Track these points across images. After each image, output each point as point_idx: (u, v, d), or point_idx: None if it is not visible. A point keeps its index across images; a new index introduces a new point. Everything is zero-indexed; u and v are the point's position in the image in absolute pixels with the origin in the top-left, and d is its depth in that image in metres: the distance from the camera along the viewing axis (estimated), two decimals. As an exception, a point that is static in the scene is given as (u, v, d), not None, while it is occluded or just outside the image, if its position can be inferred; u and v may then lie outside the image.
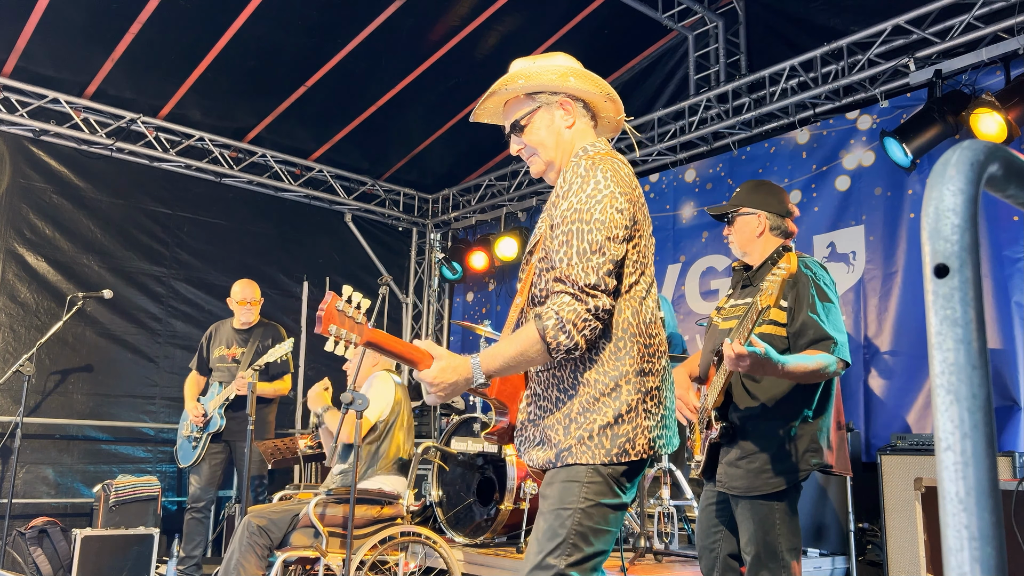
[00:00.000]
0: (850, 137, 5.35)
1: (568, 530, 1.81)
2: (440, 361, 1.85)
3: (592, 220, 1.85)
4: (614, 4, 5.79)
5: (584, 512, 1.82)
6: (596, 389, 1.87)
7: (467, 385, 1.87)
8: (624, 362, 1.88)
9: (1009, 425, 4.34)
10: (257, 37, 5.69)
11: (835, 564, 4.44)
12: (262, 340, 5.30)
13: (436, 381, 1.84)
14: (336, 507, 3.64)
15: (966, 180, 0.65)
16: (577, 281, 1.81)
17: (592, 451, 1.84)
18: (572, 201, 1.88)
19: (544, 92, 2.04)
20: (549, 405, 1.93)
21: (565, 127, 2.04)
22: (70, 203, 6.25)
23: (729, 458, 2.65)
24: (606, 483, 1.85)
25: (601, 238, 1.84)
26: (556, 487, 1.86)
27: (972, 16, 4.60)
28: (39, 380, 5.87)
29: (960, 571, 0.60)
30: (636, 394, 1.88)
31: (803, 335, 2.59)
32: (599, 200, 1.86)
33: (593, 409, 1.86)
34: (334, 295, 1.89)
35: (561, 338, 1.79)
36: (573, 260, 1.83)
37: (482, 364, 1.85)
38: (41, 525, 5.20)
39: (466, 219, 8.03)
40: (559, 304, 1.81)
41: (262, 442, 5.14)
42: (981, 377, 0.62)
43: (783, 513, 2.58)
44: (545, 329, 1.80)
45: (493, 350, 1.87)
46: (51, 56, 5.75)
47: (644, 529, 4.43)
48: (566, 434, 1.87)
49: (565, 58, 2.09)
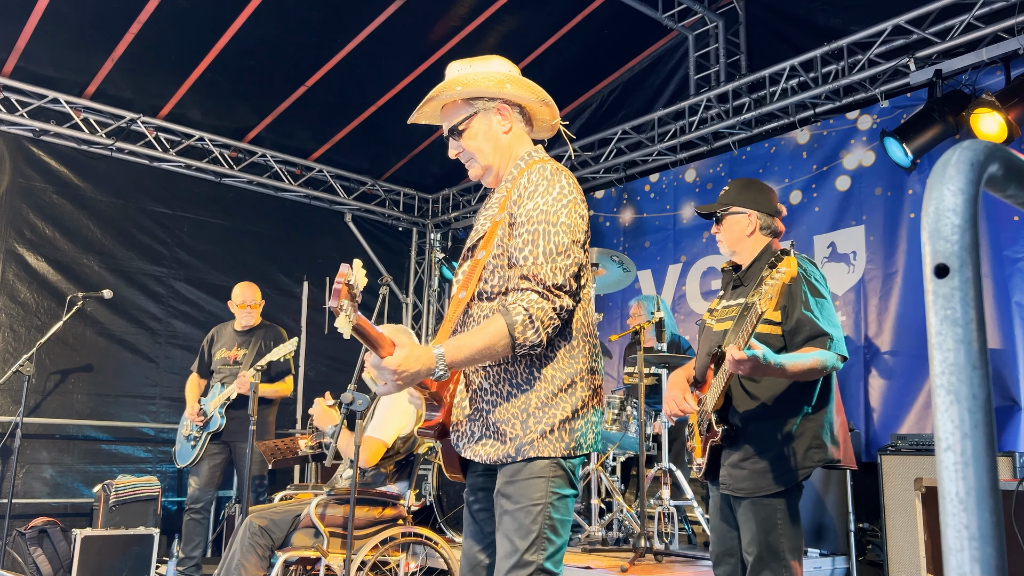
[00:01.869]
0: (850, 137, 5.35)
1: (540, 525, 1.87)
2: (403, 349, 1.78)
3: (559, 223, 1.90)
4: (614, 4, 5.78)
5: (552, 505, 1.88)
6: (554, 385, 1.92)
7: (427, 375, 1.82)
8: (578, 360, 1.96)
9: (1009, 425, 4.34)
10: (257, 37, 5.69)
11: (835, 564, 4.44)
12: (264, 341, 5.30)
13: (400, 369, 1.76)
14: (337, 507, 3.64)
15: (966, 180, 0.65)
16: (544, 280, 1.86)
17: (553, 444, 1.89)
18: (538, 202, 1.92)
19: (482, 98, 2.08)
20: (499, 400, 1.94)
21: (502, 132, 2.09)
22: (70, 203, 6.25)
23: (732, 460, 2.64)
24: (566, 476, 1.92)
25: (568, 241, 1.90)
26: (520, 484, 1.90)
27: (972, 16, 4.60)
28: (39, 380, 5.87)
29: (960, 571, 0.60)
30: (588, 391, 1.96)
31: (799, 332, 2.58)
32: (564, 204, 1.92)
33: (552, 404, 1.91)
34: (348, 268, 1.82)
35: (528, 334, 1.83)
36: (539, 260, 1.88)
37: (446, 355, 1.81)
38: (41, 525, 5.20)
39: (466, 219, 8.03)
40: (527, 301, 1.84)
41: (263, 442, 5.13)
42: (981, 377, 0.62)
43: (785, 513, 2.58)
44: (514, 324, 1.82)
45: (458, 342, 1.83)
46: (51, 56, 5.75)
47: (644, 529, 4.42)
48: (524, 428, 1.90)
49: (502, 62, 2.14)
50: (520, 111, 2.13)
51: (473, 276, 2.02)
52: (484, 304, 1.99)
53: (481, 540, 2.11)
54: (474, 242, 2.09)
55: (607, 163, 6.67)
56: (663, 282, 6.36)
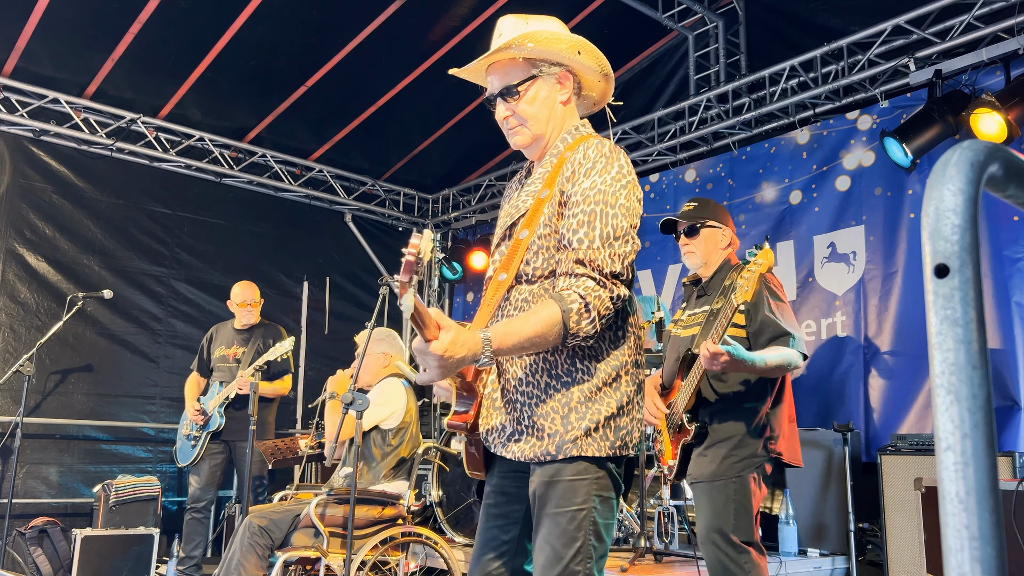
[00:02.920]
0: (850, 137, 5.35)
1: (585, 532, 1.74)
2: (448, 332, 1.60)
3: (618, 205, 1.76)
4: (614, 4, 5.78)
5: (597, 510, 1.76)
6: (598, 378, 1.78)
7: (472, 362, 1.66)
8: (624, 352, 1.82)
9: (1009, 425, 4.34)
10: (257, 37, 5.69)
11: (835, 564, 4.44)
12: (263, 340, 5.30)
13: (447, 354, 1.59)
14: (337, 507, 3.64)
15: (966, 180, 0.65)
16: (603, 267, 1.73)
17: (598, 443, 1.75)
18: (596, 181, 1.77)
19: (547, 62, 1.91)
20: (537, 392, 1.80)
21: (560, 102, 1.93)
22: (70, 203, 6.25)
23: (698, 451, 2.83)
24: (610, 477, 1.79)
25: (627, 225, 1.77)
26: (561, 486, 1.75)
27: (972, 16, 4.60)
28: (39, 380, 5.87)
29: (960, 571, 0.60)
30: (633, 386, 1.82)
31: (762, 333, 2.79)
32: (624, 185, 1.78)
33: (596, 399, 1.76)
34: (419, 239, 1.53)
35: (584, 324, 1.69)
36: (596, 244, 1.73)
37: (492, 341, 1.65)
38: (41, 525, 5.20)
39: (466, 219, 8.03)
40: (584, 288, 1.71)
41: (262, 442, 5.14)
42: (981, 377, 0.62)
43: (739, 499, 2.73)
44: (569, 312, 1.67)
45: (506, 327, 1.68)
46: (51, 56, 5.75)
47: (644, 529, 4.42)
48: (566, 424, 1.75)
49: (560, 25, 1.97)
50: (576, 81, 1.97)
51: (515, 257, 1.84)
52: (524, 287, 1.84)
53: (497, 548, 1.92)
54: (514, 220, 1.91)
55: (607, 163, 6.66)
56: (663, 282, 6.36)
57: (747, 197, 5.89)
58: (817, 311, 5.37)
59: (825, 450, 4.70)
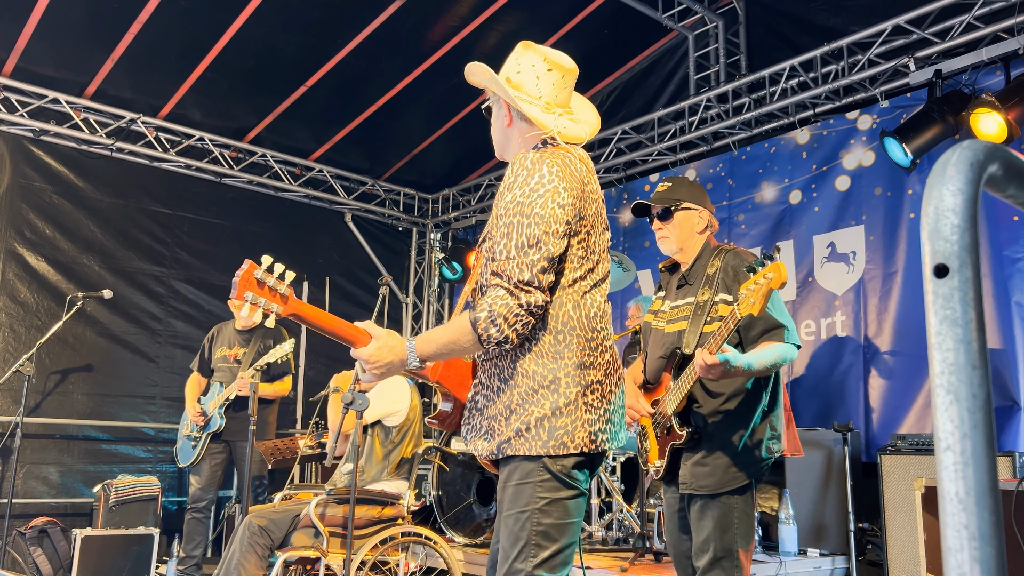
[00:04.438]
0: (850, 137, 5.35)
1: (528, 532, 1.85)
2: (377, 340, 1.90)
3: (532, 214, 1.86)
4: (614, 4, 5.78)
5: (541, 511, 1.85)
6: (535, 381, 1.89)
7: (402, 366, 1.91)
8: (563, 355, 1.90)
9: (1009, 425, 4.34)
10: (257, 37, 5.69)
11: (835, 564, 4.44)
12: (263, 340, 5.30)
13: (372, 359, 1.89)
14: (336, 507, 3.64)
15: (966, 180, 0.65)
16: (512, 276, 1.84)
17: (529, 443, 1.86)
18: (516, 194, 1.89)
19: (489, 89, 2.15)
20: (492, 395, 1.96)
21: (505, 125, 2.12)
22: (70, 203, 6.25)
23: (695, 459, 2.64)
24: (556, 479, 1.87)
25: (539, 232, 1.85)
26: (510, 490, 1.89)
27: (972, 16, 4.60)
28: (39, 380, 5.87)
29: (960, 571, 0.60)
30: (575, 387, 1.88)
31: (754, 327, 2.61)
32: (541, 195, 1.87)
33: (531, 401, 1.88)
34: (251, 263, 1.91)
35: (491, 330, 1.82)
36: (511, 254, 1.85)
37: (417, 348, 1.90)
38: (41, 525, 5.20)
39: (466, 219, 8.03)
40: (493, 297, 1.84)
41: (262, 442, 5.14)
42: (981, 377, 0.62)
43: (742, 511, 2.59)
44: (477, 320, 1.83)
45: (428, 335, 1.93)
46: (51, 56, 5.75)
47: (644, 529, 4.42)
48: (507, 425, 1.90)
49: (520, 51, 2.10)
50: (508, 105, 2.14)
51: (475, 270, 2.07)
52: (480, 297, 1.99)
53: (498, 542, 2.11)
54: (483, 235, 2.10)
55: (607, 163, 6.67)
56: (663, 282, 6.35)
57: (747, 197, 5.89)
58: (817, 311, 5.37)
59: (825, 450, 4.70)
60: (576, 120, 2.11)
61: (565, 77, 2.08)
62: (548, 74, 2.06)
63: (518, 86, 2.07)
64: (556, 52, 2.10)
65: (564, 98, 2.11)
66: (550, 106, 2.07)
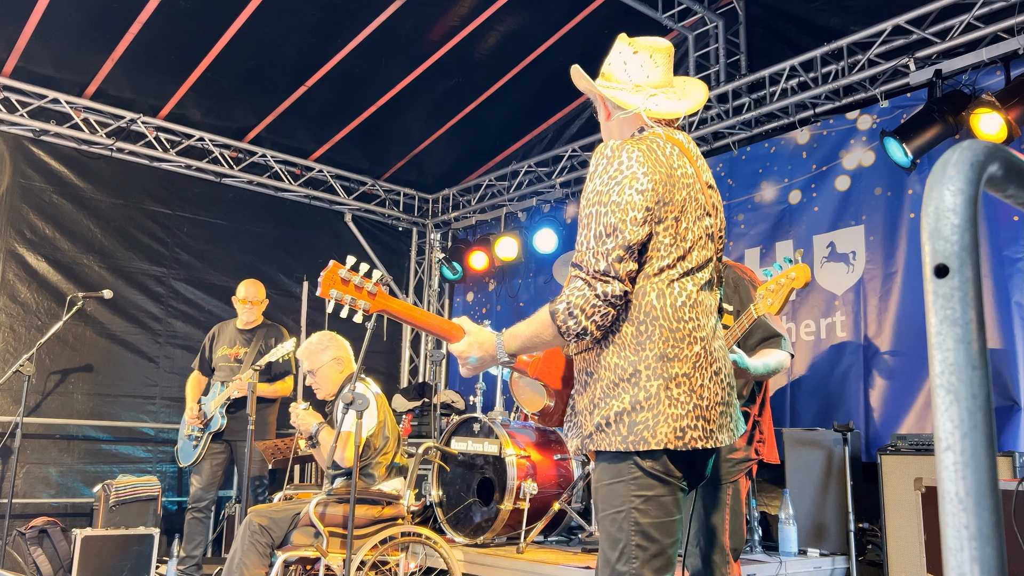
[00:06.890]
0: (850, 137, 5.35)
1: (626, 533, 1.78)
2: (469, 336, 1.94)
3: (609, 202, 1.82)
4: (614, 4, 5.78)
5: (638, 510, 1.79)
6: (615, 374, 1.83)
7: (493, 361, 1.95)
8: (645, 347, 1.82)
9: (1009, 425, 4.34)
10: (257, 37, 5.69)
11: (835, 564, 4.44)
12: (265, 340, 5.31)
13: (463, 355, 1.94)
14: (336, 507, 3.64)
15: (966, 180, 0.65)
16: (588, 267, 1.80)
17: (609, 438, 1.80)
18: (596, 184, 1.87)
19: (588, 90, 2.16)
20: (580, 389, 1.93)
21: (604, 120, 2.14)
22: (70, 203, 6.25)
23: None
24: (650, 476, 1.79)
25: (615, 220, 1.80)
26: (603, 491, 1.84)
27: (972, 16, 4.60)
28: (39, 380, 5.87)
29: (960, 571, 0.60)
30: (657, 380, 1.79)
31: (752, 335, 2.79)
32: (618, 181, 1.82)
33: (612, 394, 1.82)
34: (335, 262, 1.95)
35: (570, 323, 1.80)
36: (589, 244, 1.82)
37: (504, 343, 1.92)
38: (41, 525, 5.20)
39: (466, 219, 8.03)
40: (571, 289, 1.82)
41: (262, 442, 5.14)
42: (981, 377, 0.62)
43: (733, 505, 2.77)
44: (556, 312, 1.82)
45: (514, 329, 1.93)
46: (51, 56, 5.75)
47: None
48: (590, 420, 1.86)
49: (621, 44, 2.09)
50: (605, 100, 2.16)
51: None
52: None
53: None
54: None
55: (607, 163, 6.67)
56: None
57: (747, 197, 5.89)
58: (817, 311, 5.37)
59: (825, 450, 4.70)
60: (676, 96, 2.05)
61: (654, 56, 2.02)
62: (635, 56, 2.02)
63: (608, 76, 2.07)
64: (646, 37, 2.08)
65: (658, 78, 2.03)
66: (639, 88, 2.01)
